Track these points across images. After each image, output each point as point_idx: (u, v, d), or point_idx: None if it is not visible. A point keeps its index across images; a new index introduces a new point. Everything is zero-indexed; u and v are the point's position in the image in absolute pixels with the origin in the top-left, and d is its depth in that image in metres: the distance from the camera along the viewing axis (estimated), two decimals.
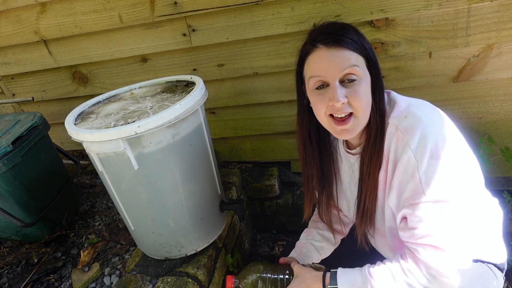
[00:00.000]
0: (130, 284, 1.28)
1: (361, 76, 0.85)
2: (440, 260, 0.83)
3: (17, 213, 1.40)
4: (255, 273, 1.10)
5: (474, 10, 1.41)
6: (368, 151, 0.93)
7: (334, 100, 0.84)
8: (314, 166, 1.10)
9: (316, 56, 0.88)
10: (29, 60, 1.97)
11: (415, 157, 0.82)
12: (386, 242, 1.06)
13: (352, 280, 0.94)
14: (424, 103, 0.93)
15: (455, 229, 0.84)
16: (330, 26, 0.90)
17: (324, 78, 0.86)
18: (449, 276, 0.84)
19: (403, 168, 0.85)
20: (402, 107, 0.90)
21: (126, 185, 1.15)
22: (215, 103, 1.88)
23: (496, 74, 1.51)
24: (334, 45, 0.85)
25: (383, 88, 0.92)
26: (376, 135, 0.90)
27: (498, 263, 1.02)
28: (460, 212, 0.84)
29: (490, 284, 0.98)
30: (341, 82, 0.86)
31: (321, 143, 1.08)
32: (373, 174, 0.93)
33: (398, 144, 0.86)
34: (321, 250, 1.24)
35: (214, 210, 1.36)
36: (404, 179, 0.85)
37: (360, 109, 0.86)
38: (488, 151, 1.59)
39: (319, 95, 0.89)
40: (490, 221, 1.03)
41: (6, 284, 1.43)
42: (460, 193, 0.85)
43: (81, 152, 2.33)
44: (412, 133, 0.83)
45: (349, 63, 0.84)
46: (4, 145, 1.34)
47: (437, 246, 0.83)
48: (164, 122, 1.03)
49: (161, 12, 1.67)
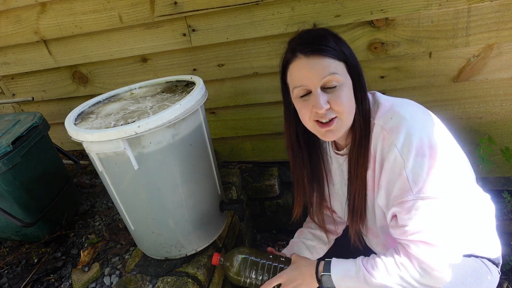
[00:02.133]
0: (130, 284, 1.28)
1: (342, 82, 0.87)
2: (431, 255, 0.86)
3: (17, 213, 1.40)
4: (241, 254, 1.15)
5: (474, 10, 1.41)
6: (354, 151, 0.95)
7: (317, 108, 0.87)
8: (305, 169, 1.12)
9: (297, 65, 0.90)
10: (29, 60, 1.97)
11: (401, 156, 0.84)
12: (380, 241, 1.07)
13: (346, 270, 0.96)
14: (408, 102, 0.94)
15: (445, 225, 0.86)
16: (308, 35, 0.92)
17: (306, 87, 0.89)
18: (440, 270, 0.86)
19: (390, 167, 0.86)
20: (386, 107, 0.92)
21: (126, 185, 1.15)
22: (215, 103, 1.88)
23: (496, 74, 1.51)
24: (312, 54, 0.87)
25: (365, 90, 0.94)
26: (361, 136, 0.92)
27: (493, 257, 1.04)
28: (449, 208, 0.86)
29: (484, 279, 1.00)
30: (322, 89, 0.88)
31: (310, 146, 1.10)
32: (360, 174, 0.95)
33: (384, 144, 0.88)
34: (313, 249, 1.25)
35: (214, 210, 1.36)
36: (391, 178, 0.87)
37: (343, 113, 0.88)
38: (488, 151, 1.59)
39: (303, 101, 0.91)
40: (482, 216, 1.04)
41: (6, 284, 1.43)
42: (448, 189, 0.86)
43: (81, 152, 2.33)
44: (397, 132, 0.85)
45: (328, 71, 0.86)
46: (4, 145, 1.34)
47: (428, 242, 0.85)
48: (164, 122, 1.03)
49: (161, 12, 1.67)
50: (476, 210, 1.02)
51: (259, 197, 1.99)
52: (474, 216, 1.01)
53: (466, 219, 0.97)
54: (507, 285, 1.53)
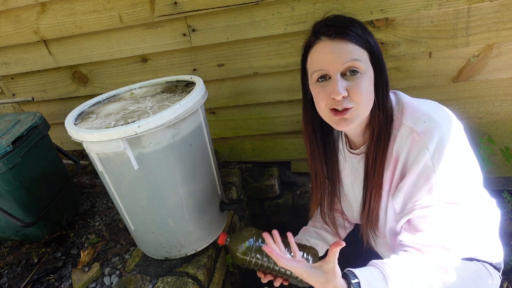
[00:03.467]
0: (130, 284, 1.28)
1: (364, 70, 0.84)
2: (447, 259, 0.87)
3: (17, 213, 1.40)
4: (249, 233, 1.07)
5: (474, 10, 1.41)
6: (372, 148, 0.92)
7: (335, 93, 0.83)
8: (319, 162, 1.09)
9: (319, 48, 0.87)
10: (29, 60, 1.97)
11: (431, 161, 0.81)
12: (386, 242, 1.07)
13: None
14: (438, 105, 0.92)
15: (460, 230, 0.86)
16: (335, 19, 0.90)
17: (326, 71, 0.85)
18: (450, 273, 0.88)
19: (418, 170, 0.84)
20: (414, 107, 0.89)
21: (126, 185, 1.15)
22: (215, 103, 1.88)
23: (496, 74, 1.51)
24: (336, 37, 0.84)
25: (387, 85, 0.90)
26: (379, 132, 0.90)
27: (494, 262, 1.03)
28: (465, 213, 0.86)
29: (484, 283, 0.99)
30: (342, 75, 0.85)
31: (325, 140, 1.07)
32: (378, 171, 0.92)
33: (412, 146, 0.84)
34: (316, 247, 1.23)
35: (214, 210, 1.36)
36: (417, 182, 0.85)
37: (360, 103, 0.85)
38: (488, 151, 1.59)
39: (320, 87, 0.88)
40: (488, 220, 1.03)
41: (6, 284, 1.43)
42: (467, 193, 0.86)
43: (81, 152, 2.33)
44: (430, 136, 0.82)
45: (351, 56, 0.83)
46: (4, 145, 1.34)
47: (447, 247, 0.86)
48: (164, 122, 1.03)
49: (161, 12, 1.67)
50: (482, 214, 1.01)
51: (259, 197, 1.99)
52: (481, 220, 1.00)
53: (474, 222, 0.97)
54: (507, 285, 1.53)
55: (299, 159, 1.96)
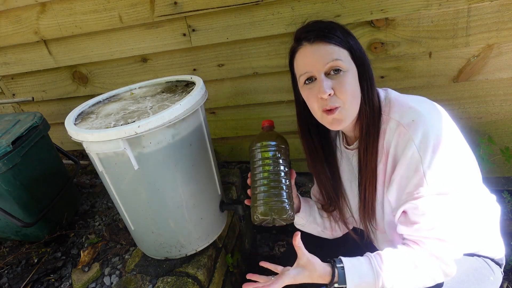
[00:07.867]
0: (130, 284, 1.28)
1: (346, 68, 0.88)
2: (443, 250, 0.88)
3: (17, 213, 1.40)
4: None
5: (474, 10, 1.41)
6: (363, 141, 0.95)
7: (321, 92, 0.87)
8: (320, 163, 1.11)
9: (302, 52, 0.92)
10: (29, 60, 1.97)
11: (418, 152, 0.84)
12: (386, 238, 1.07)
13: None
14: (424, 99, 0.95)
15: (455, 220, 0.87)
16: (314, 24, 0.94)
17: (311, 73, 0.90)
18: (449, 264, 0.88)
19: (406, 162, 0.86)
20: (402, 102, 0.92)
21: (126, 185, 1.15)
22: (215, 103, 1.88)
23: (496, 74, 1.51)
24: (316, 41, 0.89)
25: (371, 79, 0.94)
26: (368, 125, 0.93)
27: (496, 258, 1.03)
28: (458, 204, 0.87)
29: (486, 278, 1.00)
30: (327, 75, 0.89)
31: (323, 141, 1.10)
32: (370, 163, 0.95)
33: (399, 139, 0.87)
34: (314, 220, 1.20)
35: (214, 210, 1.36)
36: (407, 174, 0.87)
37: (346, 100, 0.88)
38: (488, 151, 1.59)
39: (308, 90, 0.92)
40: (487, 216, 1.04)
41: (6, 284, 1.43)
42: (458, 185, 0.87)
43: (81, 152, 2.33)
44: (415, 128, 0.85)
45: (331, 57, 0.87)
46: (4, 145, 1.34)
47: (441, 238, 0.87)
48: (164, 122, 1.03)
49: (161, 12, 1.67)
50: (482, 209, 1.02)
51: None
52: (480, 215, 1.01)
53: (472, 217, 0.98)
54: (507, 285, 1.53)
55: (299, 159, 1.96)
